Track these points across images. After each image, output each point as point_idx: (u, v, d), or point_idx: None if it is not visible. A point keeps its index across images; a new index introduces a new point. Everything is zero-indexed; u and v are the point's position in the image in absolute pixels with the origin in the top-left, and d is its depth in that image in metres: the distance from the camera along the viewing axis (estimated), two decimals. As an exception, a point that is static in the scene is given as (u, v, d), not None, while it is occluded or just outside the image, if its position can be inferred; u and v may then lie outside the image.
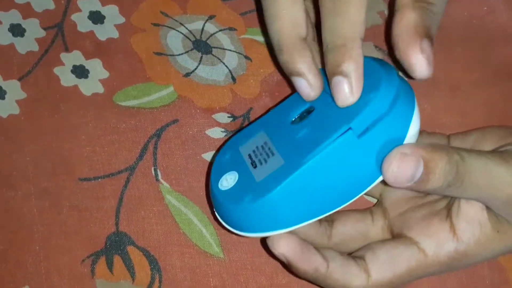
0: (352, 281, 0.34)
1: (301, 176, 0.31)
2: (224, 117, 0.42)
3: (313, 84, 0.34)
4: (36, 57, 0.43)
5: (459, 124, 0.42)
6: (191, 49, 0.43)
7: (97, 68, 0.43)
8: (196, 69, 0.43)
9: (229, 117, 0.42)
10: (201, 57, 0.43)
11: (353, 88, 0.32)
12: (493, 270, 0.39)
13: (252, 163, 0.34)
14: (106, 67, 0.43)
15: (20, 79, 0.43)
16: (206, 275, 0.40)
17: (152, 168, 0.41)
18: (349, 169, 0.32)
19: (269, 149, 0.34)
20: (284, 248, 0.33)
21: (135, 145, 0.42)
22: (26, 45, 0.43)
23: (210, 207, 0.40)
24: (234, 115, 0.42)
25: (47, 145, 0.42)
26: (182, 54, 0.43)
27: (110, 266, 0.40)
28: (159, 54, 0.43)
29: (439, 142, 0.39)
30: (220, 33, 0.43)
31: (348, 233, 0.37)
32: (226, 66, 0.43)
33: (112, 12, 0.44)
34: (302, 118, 0.35)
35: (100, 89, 0.43)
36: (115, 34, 0.44)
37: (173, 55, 0.43)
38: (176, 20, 0.44)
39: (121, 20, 0.44)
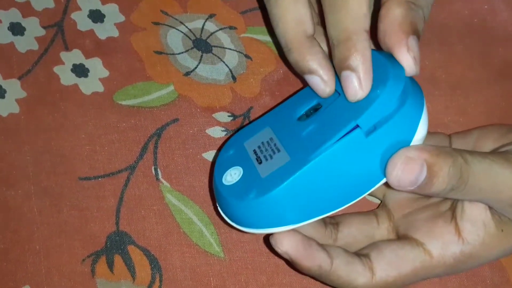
0: (356, 279, 0.34)
1: (307, 174, 0.31)
2: (225, 116, 0.42)
3: (327, 80, 0.34)
4: (36, 56, 0.43)
5: (460, 123, 0.42)
6: (191, 48, 0.43)
7: (97, 67, 0.43)
8: (196, 68, 0.43)
9: (229, 116, 0.42)
10: (201, 56, 0.43)
11: (362, 82, 0.32)
12: (494, 271, 0.39)
13: (257, 159, 0.34)
14: (106, 66, 0.43)
15: (20, 78, 0.43)
16: (207, 275, 0.40)
17: (153, 167, 0.41)
18: (355, 168, 0.32)
19: (275, 145, 0.34)
20: (287, 246, 0.33)
21: (135, 144, 0.42)
22: (26, 44, 0.43)
23: (213, 202, 0.40)
24: (234, 114, 0.42)
25: (47, 144, 0.42)
26: (182, 53, 0.43)
27: (111, 266, 0.40)
28: (159, 53, 0.43)
29: (441, 142, 0.39)
30: (220, 32, 0.43)
31: (354, 236, 0.37)
32: (226, 65, 0.43)
33: (112, 11, 0.44)
34: (309, 115, 0.35)
35: (100, 88, 0.43)
36: (115, 33, 0.43)
37: (173, 54, 0.43)
38: (176, 19, 0.44)
39: (121, 19, 0.44)
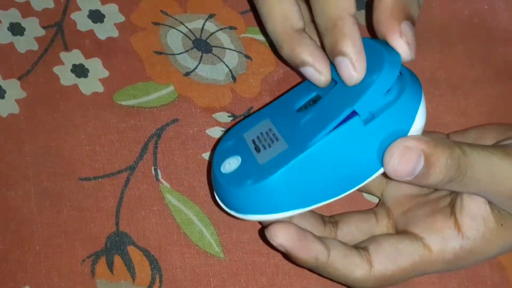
0: (354, 271, 0.34)
1: (305, 161, 0.32)
2: (224, 117, 0.42)
3: (321, 70, 0.34)
4: (36, 56, 0.43)
5: (460, 124, 0.42)
6: (191, 48, 0.43)
7: (97, 67, 0.43)
8: (196, 68, 0.43)
9: (229, 116, 0.42)
10: (201, 56, 0.43)
11: (355, 65, 0.32)
12: (494, 270, 0.39)
13: (256, 148, 0.34)
14: (106, 66, 0.43)
15: (20, 78, 0.43)
16: (207, 275, 0.40)
17: (152, 168, 0.41)
18: (352, 157, 0.32)
19: (274, 135, 0.34)
20: (282, 238, 0.33)
21: (135, 145, 0.42)
22: (26, 44, 0.43)
23: (211, 191, 0.40)
24: (234, 115, 0.42)
25: (47, 145, 0.42)
26: (182, 53, 0.43)
27: (111, 266, 0.40)
28: (159, 53, 0.43)
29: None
30: (220, 32, 0.43)
31: (353, 234, 0.37)
32: (226, 65, 0.43)
33: (112, 11, 0.44)
34: (308, 106, 0.35)
35: (100, 88, 0.43)
36: (115, 33, 0.43)
37: (173, 54, 0.43)
38: (176, 19, 0.43)
39: (121, 19, 0.44)
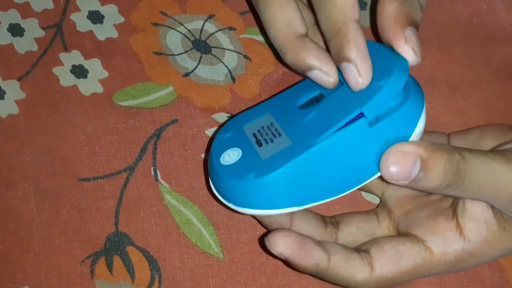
0: (355, 275, 0.34)
1: (309, 158, 0.32)
2: (224, 117, 0.42)
3: (328, 71, 0.34)
4: (35, 57, 0.43)
5: (459, 124, 0.42)
6: (191, 49, 0.43)
7: (96, 68, 0.43)
8: (196, 69, 0.43)
9: (228, 117, 0.42)
10: (201, 57, 0.43)
11: (360, 70, 0.32)
12: (493, 271, 0.39)
13: (257, 142, 0.34)
14: (105, 67, 0.43)
15: (19, 79, 0.43)
16: (206, 276, 0.40)
17: (152, 168, 0.41)
18: (354, 158, 0.32)
19: (276, 130, 0.34)
20: (282, 247, 0.33)
21: (135, 145, 0.42)
22: (25, 45, 0.43)
23: (207, 182, 0.40)
24: (234, 115, 0.42)
25: (47, 145, 0.42)
26: (182, 54, 0.43)
27: (110, 267, 0.40)
28: (159, 54, 0.43)
29: (439, 141, 0.39)
30: (220, 33, 0.43)
31: (354, 235, 0.37)
32: (226, 66, 0.43)
33: (112, 12, 0.44)
34: (311, 104, 0.35)
35: (99, 89, 0.43)
36: (115, 34, 0.43)
37: (173, 55, 0.43)
38: (176, 20, 0.44)
39: (120, 20, 0.44)
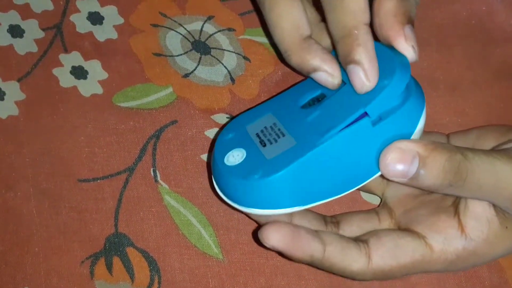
0: (351, 265, 0.34)
1: (314, 157, 0.32)
2: (223, 118, 0.42)
3: (333, 73, 0.34)
4: (35, 58, 0.43)
5: (458, 124, 0.42)
6: (190, 50, 0.43)
7: (96, 69, 0.43)
8: (195, 70, 0.43)
9: (228, 118, 0.42)
10: (200, 58, 0.43)
11: (368, 74, 0.32)
12: (492, 271, 0.39)
13: (261, 142, 0.34)
14: (105, 68, 0.43)
15: (19, 80, 0.43)
16: (205, 276, 0.40)
17: (151, 169, 0.41)
18: (358, 156, 0.33)
19: (279, 130, 0.35)
20: (274, 240, 0.33)
21: (134, 146, 0.42)
22: (25, 46, 0.43)
23: (210, 182, 0.41)
24: (233, 116, 0.42)
25: (46, 146, 0.42)
26: (181, 55, 0.43)
27: (110, 267, 0.40)
28: (158, 55, 0.43)
29: (438, 141, 0.39)
30: (219, 34, 0.43)
31: (355, 234, 0.37)
32: (225, 67, 0.43)
33: (111, 13, 0.44)
34: (313, 104, 0.35)
35: (99, 90, 0.43)
36: (114, 35, 0.44)
37: (172, 56, 0.43)
38: (175, 21, 0.44)
39: (120, 21, 0.44)
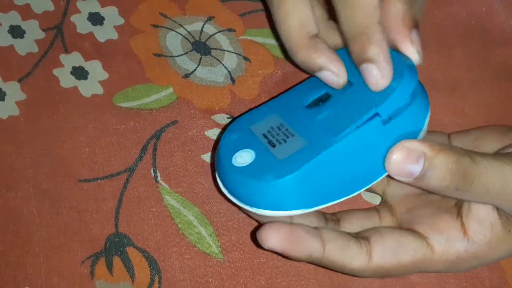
0: (351, 263, 0.34)
1: (327, 157, 0.32)
2: (223, 118, 0.42)
3: (338, 72, 0.34)
4: (36, 59, 0.43)
5: (458, 125, 0.42)
6: (190, 50, 0.43)
7: (97, 70, 0.43)
8: (195, 70, 0.43)
9: (228, 118, 0.42)
10: (200, 58, 0.43)
11: (383, 71, 0.32)
12: (492, 271, 0.39)
13: (270, 143, 0.34)
14: (106, 69, 0.43)
15: (20, 81, 0.43)
16: (206, 276, 0.40)
17: (152, 169, 0.41)
18: (368, 156, 0.33)
19: (287, 130, 0.35)
20: (272, 242, 0.33)
21: (135, 146, 0.42)
22: (26, 47, 0.43)
23: (215, 183, 0.40)
24: (233, 116, 0.42)
25: (47, 146, 0.42)
26: (181, 55, 0.43)
27: (110, 267, 0.40)
28: (158, 56, 0.43)
29: (440, 141, 0.39)
30: (219, 34, 0.43)
31: (356, 231, 0.37)
32: (225, 67, 0.43)
33: (112, 14, 0.44)
34: (318, 103, 0.35)
35: (100, 91, 0.43)
36: (115, 36, 0.44)
37: (172, 56, 0.43)
38: (175, 21, 0.44)
39: (121, 22, 0.44)
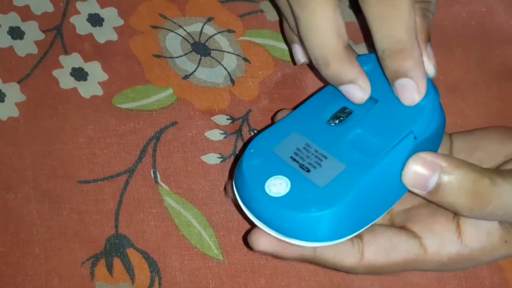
0: (343, 261, 0.34)
1: (368, 180, 0.31)
2: (223, 119, 0.42)
3: (365, 87, 0.34)
4: (35, 60, 0.43)
5: (458, 125, 0.42)
6: (190, 51, 0.43)
7: (96, 71, 0.43)
8: (195, 71, 0.43)
9: (228, 119, 0.42)
10: (200, 59, 0.43)
11: (420, 87, 0.32)
12: (492, 271, 0.39)
13: (302, 166, 0.33)
14: (105, 70, 0.43)
15: (20, 82, 0.43)
16: (206, 277, 0.40)
17: (151, 170, 0.41)
18: (398, 174, 0.32)
19: (317, 152, 0.33)
20: (262, 245, 0.33)
21: (134, 148, 0.42)
22: (25, 48, 0.43)
23: (239, 210, 0.39)
24: (233, 117, 0.42)
25: (47, 148, 0.42)
26: (181, 57, 0.43)
27: (110, 269, 0.40)
28: (158, 57, 0.43)
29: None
30: (219, 35, 0.43)
31: None
32: (225, 68, 0.43)
33: (111, 15, 0.44)
34: (339, 119, 0.34)
35: (99, 92, 0.43)
36: (114, 37, 0.44)
37: (172, 58, 0.43)
38: (175, 22, 0.44)
39: (120, 23, 0.44)
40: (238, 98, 0.42)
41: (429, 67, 0.33)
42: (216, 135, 0.42)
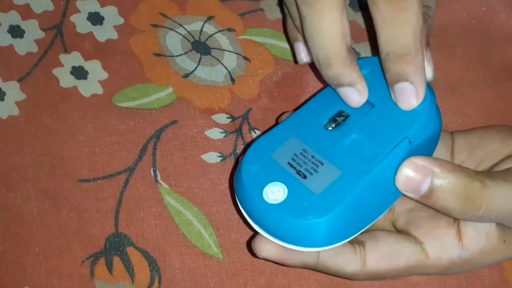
0: (345, 268, 0.34)
1: (364, 186, 0.32)
2: (223, 118, 0.42)
3: (363, 92, 0.34)
4: (35, 58, 0.43)
5: (458, 124, 0.42)
6: (190, 50, 0.43)
7: (96, 69, 0.43)
8: (195, 70, 0.43)
9: (228, 118, 0.42)
10: (200, 58, 0.43)
11: (419, 93, 0.32)
12: (493, 271, 0.39)
13: (299, 173, 0.33)
14: (105, 68, 0.43)
15: (20, 80, 0.43)
16: (206, 276, 0.40)
17: (151, 169, 0.41)
18: (393, 178, 0.33)
19: (313, 157, 0.33)
20: (265, 252, 0.33)
21: (134, 146, 0.42)
22: (25, 46, 0.43)
23: (239, 213, 0.39)
24: (233, 116, 0.42)
25: (47, 146, 0.42)
26: (181, 55, 0.43)
27: (110, 267, 0.40)
28: (158, 55, 0.43)
29: (442, 139, 0.38)
30: (219, 34, 0.43)
31: None
32: (225, 67, 0.43)
33: (111, 13, 0.44)
34: (336, 123, 0.35)
35: (99, 90, 0.43)
36: (114, 35, 0.44)
37: (172, 56, 0.43)
38: (175, 21, 0.44)
39: (120, 21, 0.44)
40: (238, 97, 0.42)
41: (428, 71, 0.34)
42: (216, 134, 0.42)
